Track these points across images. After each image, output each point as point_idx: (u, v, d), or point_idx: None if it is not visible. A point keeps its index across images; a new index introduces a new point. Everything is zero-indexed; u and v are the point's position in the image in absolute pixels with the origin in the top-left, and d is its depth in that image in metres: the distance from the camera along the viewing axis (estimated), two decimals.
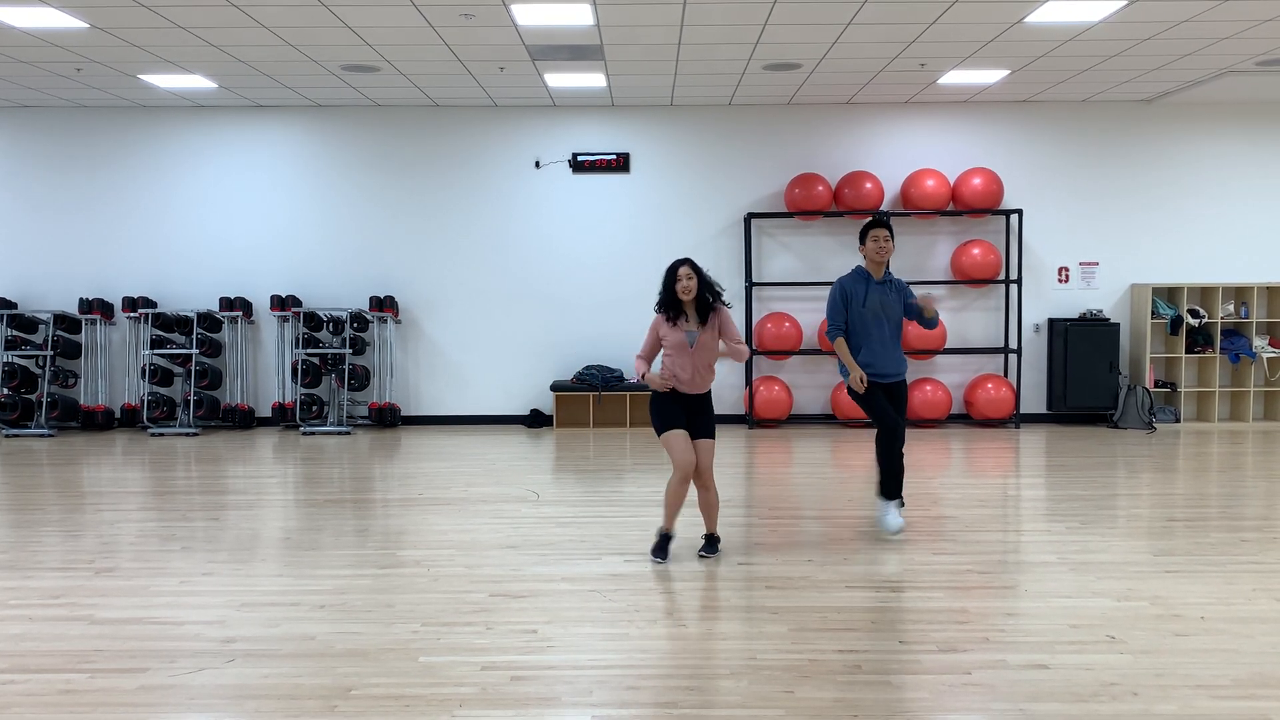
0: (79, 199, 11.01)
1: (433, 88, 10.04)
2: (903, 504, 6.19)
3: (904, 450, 6.13)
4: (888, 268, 6.13)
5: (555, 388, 10.86)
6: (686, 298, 5.48)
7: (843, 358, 6.02)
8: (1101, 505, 7.00)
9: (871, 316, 5.98)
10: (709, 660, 4.10)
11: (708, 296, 5.52)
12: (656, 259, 10.98)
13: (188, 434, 10.47)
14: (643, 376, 5.50)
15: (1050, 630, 4.41)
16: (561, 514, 6.78)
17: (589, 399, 10.83)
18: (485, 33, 7.98)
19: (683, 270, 5.49)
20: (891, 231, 6.01)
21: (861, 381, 5.90)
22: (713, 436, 5.60)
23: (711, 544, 5.69)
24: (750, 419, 10.88)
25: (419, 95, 10.40)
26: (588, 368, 10.91)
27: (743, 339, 5.64)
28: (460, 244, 11.11)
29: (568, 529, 6.33)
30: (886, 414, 6.01)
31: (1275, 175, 11.03)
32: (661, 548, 5.56)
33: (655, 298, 5.65)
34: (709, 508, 5.68)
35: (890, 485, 6.10)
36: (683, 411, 5.52)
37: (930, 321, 6.02)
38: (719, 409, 11.24)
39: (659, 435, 5.51)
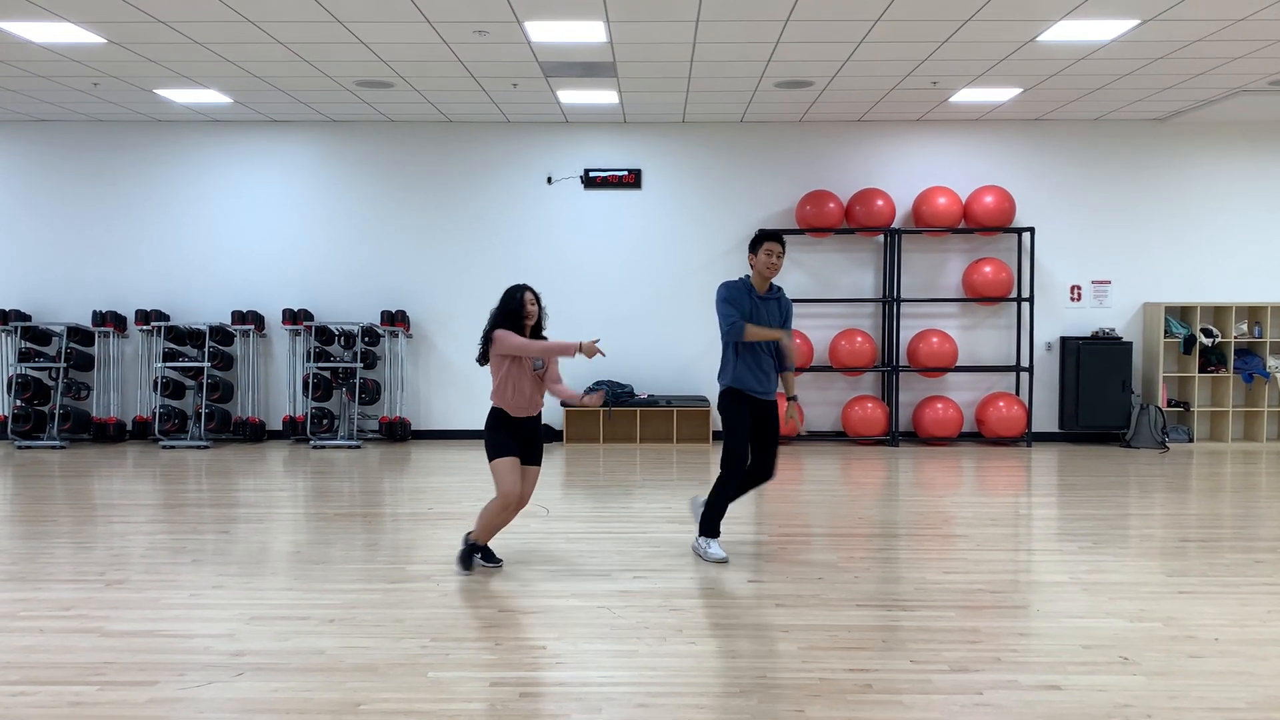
0: (93, 212, 11.08)
1: (446, 103, 10.09)
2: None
3: (762, 485, 6.12)
4: (773, 283, 5.92)
5: (565, 403, 10.85)
6: (529, 322, 5.68)
7: (760, 335, 5.72)
8: (1114, 525, 6.96)
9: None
10: (719, 678, 4.08)
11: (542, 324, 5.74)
12: (668, 275, 11.02)
13: (199, 447, 10.50)
14: (580, 347, 5.51)
15: (1063, 650, 4.38)
16: (571, 530, 6.77)
17: (599, 414, 10.83)
18: (499, 49, 8.03)
19: (528, 295, 5.68)
20: (784, 247, 5.80)
21: (788, 339, 5.78)
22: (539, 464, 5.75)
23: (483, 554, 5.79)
24: None
25: (432, 111, 10.45)
26: (598, 382, 10.91)
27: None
28: (472, 258, 11.14)
29: (577, 545, 6.32)
30: (739, 441, 5.80)
31: None
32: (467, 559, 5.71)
33: (666, 314, 5.67)
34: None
35: (714, 521, 5.95)
36: (516, 437, 5.62)
37: (787, 366, 5.92)
38: None
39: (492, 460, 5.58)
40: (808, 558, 6.03)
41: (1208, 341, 10.82)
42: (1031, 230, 10.81)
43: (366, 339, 10.81)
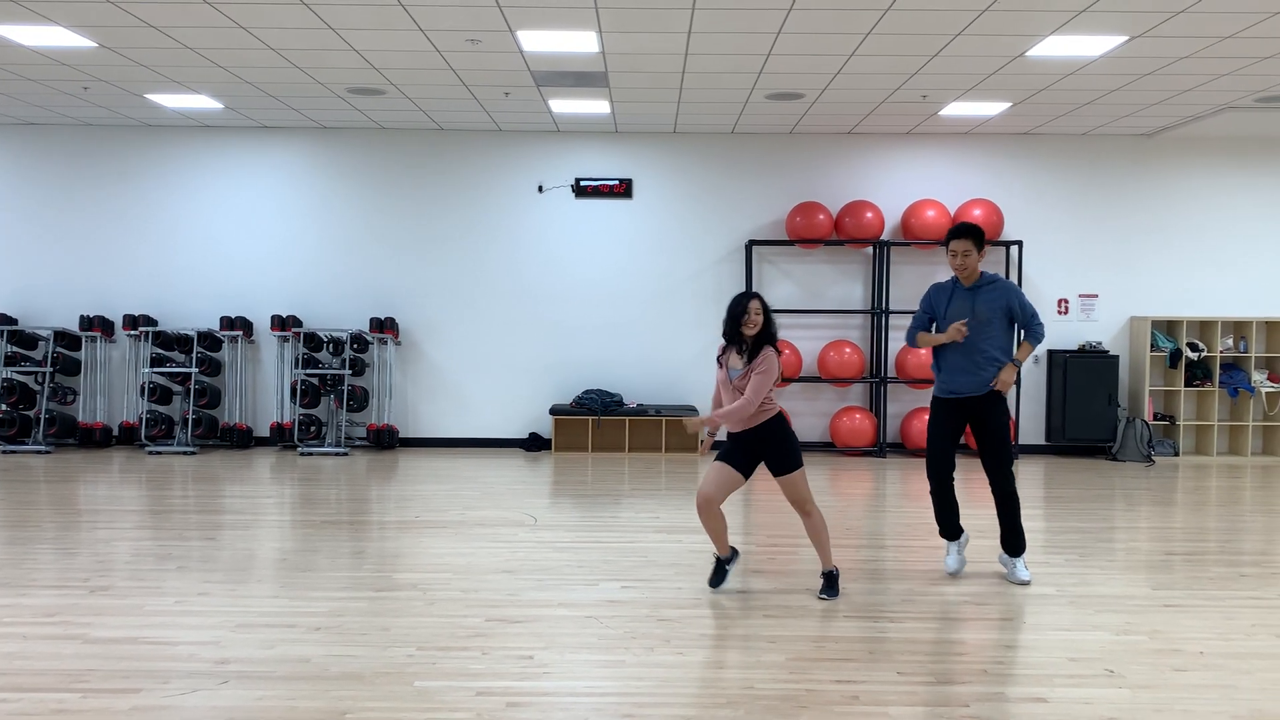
0: (83, 217, 11.04)
1: (437, 111, 10.10)
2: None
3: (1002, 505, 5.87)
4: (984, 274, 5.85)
5: (554, 411, 10.85)
6: (749, 332, 5.23)
7: (931, 340, 5.77)
8: (1100, 538, 6.99)
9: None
10: (706, 689, 4.08)
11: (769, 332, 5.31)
12: (658, 284, 11.03)
13: (185, 453, 10.45)
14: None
15: (1048, 663, 4.39)
16: (559, 539, 6.76)
17: (588, 423, 10.82)
18: (491, 58, 8.04)
19: (753, 304, 5.26)
20: (975, 241, 5.77)
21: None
22: (787, 471, 5.32)
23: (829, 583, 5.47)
24: None
25: (424, 118, 10.45)
26: (587, 392, 10.91)
27: (755, 393, 5.22)
28: (461, 266, 11.14)
29: (565, 554, 6.31)
30: (933, 445, 5.84)
31: (1274, 211, 11.08)
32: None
33: (656, 323, 5.62)
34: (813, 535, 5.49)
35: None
36: (735, 446, 5.36)
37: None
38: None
39: None
40: (795, 568, 6.03)
41: (1193, 355, 10.89)
42: (1020, 244, 10.87)
43: (355, 346, 10.79)
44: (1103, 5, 6.58)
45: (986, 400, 5.68)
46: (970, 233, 5.71)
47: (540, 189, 11.11)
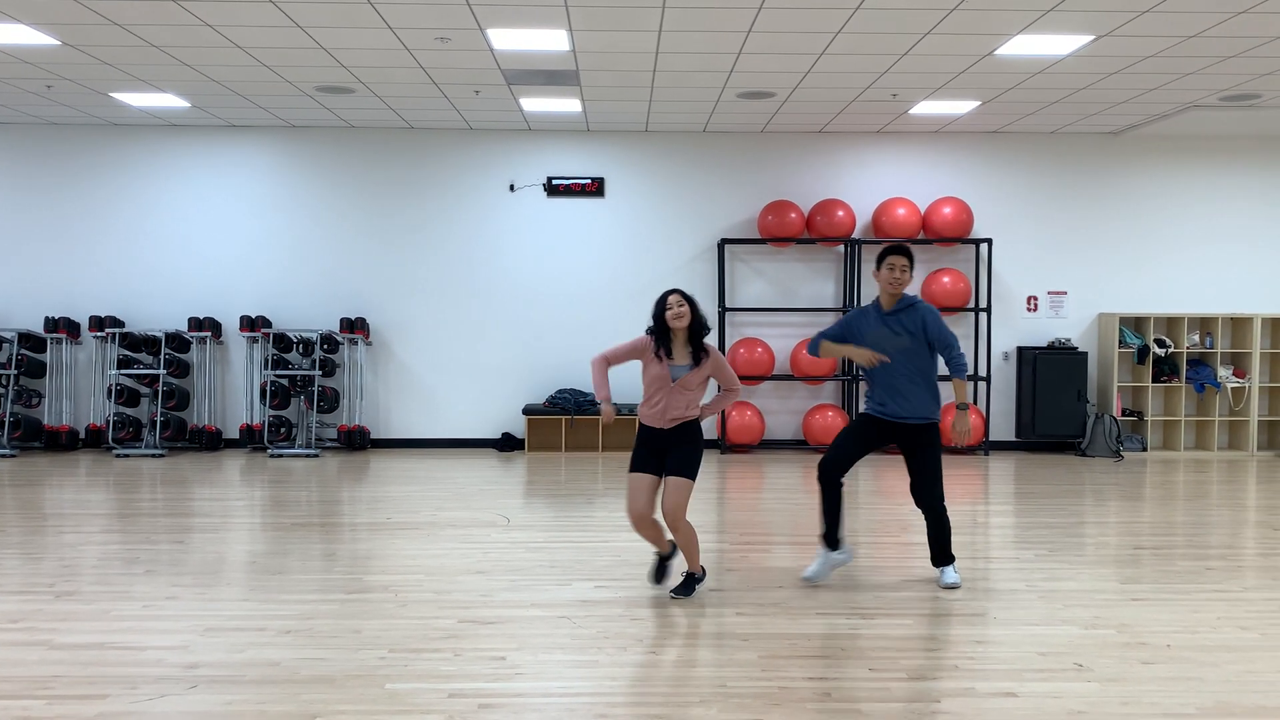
0: (47, 217, 10.89)
1: (407, 110, 10.04)
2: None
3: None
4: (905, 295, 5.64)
5: (527, 411, 10.82)
6: (678, 324, 5.15)
7: (836, 352, 5.67)
8: (1069, 533, 7.05)
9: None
10: (679, 688, 4.08)
11: (701, 331, 5.24)
12: (631, 283, 11.02)
13: (154, 455, 10.34)
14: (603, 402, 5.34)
15: (1018, 658, 4.43)
16: (532, 539, 6.74)
17: (561, 423, 10.80)
18: (461, 56, 8.00)
19: (673, 298, 5.20)
20: (910, 259, 5.58)
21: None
22: (686, 475, 5.18)
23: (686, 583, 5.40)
24: (722, 444, 10.89)
25: (393, 117, 10.39)
26: (560, 391, 10.89)
27: (735, 381, 5.46)
28: (433, 266, 11.08)
29: (538, 554, 6.29)
30: (834, 452, 5.77)
31: (1239, 208, 11.23)
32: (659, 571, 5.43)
33: (629, 322, 5.58)
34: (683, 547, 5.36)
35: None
36: (648, 451, 5.21)
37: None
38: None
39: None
40: (769, 565, 6.05)
41: (1161, 352, 11.01)
42: (989, 241, 10.95)
43: (325, 346, 10.72)
44: (1069, 4, 6.64)
45: (921, 429, 5.57)
46: (909, 252, 5.57)
47: (512, 188, 11.07)
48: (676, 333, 5.21)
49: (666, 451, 5.21)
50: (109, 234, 10.92)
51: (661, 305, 5.22)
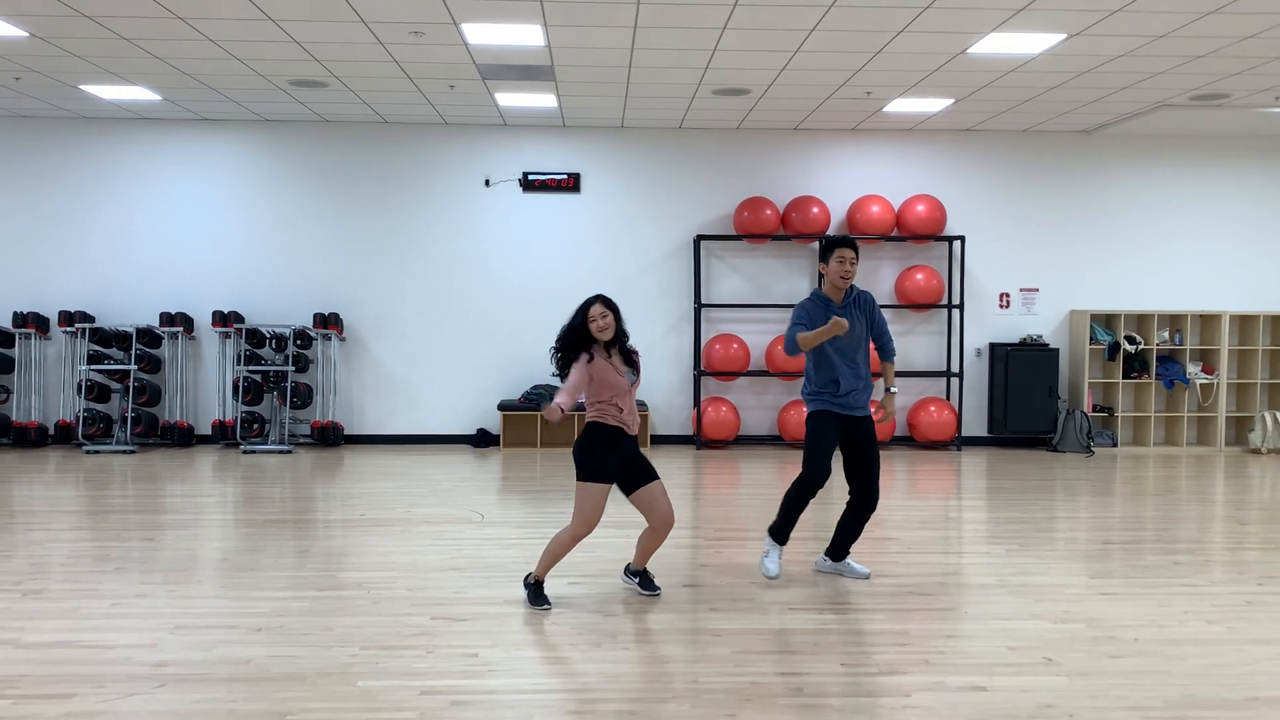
0: (15, 210, 10.75)
1: (382, 104, 9.98)
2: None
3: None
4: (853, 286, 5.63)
5: (503, 407, 10.80)
6: (604, 336, 5.06)
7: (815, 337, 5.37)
8: (1040, 528, 7.11)
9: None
10: (652, 684, 4.09)
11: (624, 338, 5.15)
12: (607, 279, 10.98)
13: (125, 452, 10.24)
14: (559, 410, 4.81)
15: (989, 652, 4.46)
16: (506, 535, 6.73)
17: (536, 419, 10.78)
18: (435, 51, 7.97)
19: (595, 309, 5.05)
20: (857, 252, 5.54)
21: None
22: (654, 480, 5.16)
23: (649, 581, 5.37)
24: (698, 440, 10.91)
25: (368, 111, 10.33)
26: (536, 387, 10.87)
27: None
28: (407, 261, 11.03)
29: (512, 551, 6.28)
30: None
31: (1208, 206, 11.35)
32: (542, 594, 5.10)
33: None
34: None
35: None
36: (617, 459, 5.05)
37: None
38: (668, 430, 11.33)
39: (579, 481, 5.00)
40: (742, 561, 6.06)
41: (1131, 348, 11.12)
42: (962, 239, 11.02)
43: (299, 342, 10.65)
44: (1041, 4, 6.69)
45: (869, 421, 5.61)
46: (856, 245, 5.57)
47: (487, 183, 11.04)
48: (602, 342, 5.06)
49: (627, 460, 5.09)
50: (79, 228, 10.80)
51: (584, 315, 5.05)
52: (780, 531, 5.62)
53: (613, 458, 5.05)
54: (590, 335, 5.07)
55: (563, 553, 5.10)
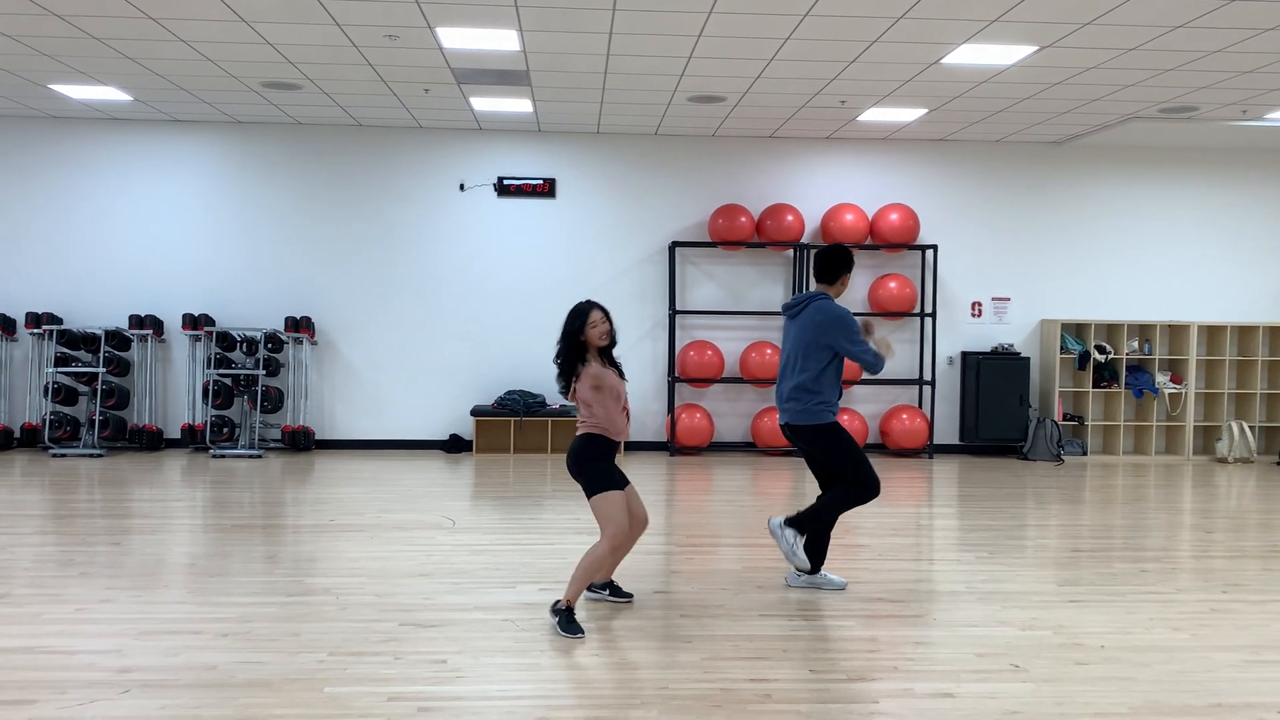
0: None
1: (356, 107, 9.94)
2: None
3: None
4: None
5: (476, 412, 10.76)
6: (604, 343, 5.00)
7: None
8: (1010, 535, 7.16)
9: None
10: (621, 690, 4.08)
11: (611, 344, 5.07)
12: (581, 285, 10.99)
13: (92, 455, 10.12)
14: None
15: (957, 659, 4.48)
16: (477, 541, 6.70)
17: (510, 424, 10.75)
18: (410, 54, 7.94)
19: (596, 314, 4.95)
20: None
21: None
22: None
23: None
24: (671, 446, 10.91)
25: (342, 114, 10.28)
26: (509, 393, 10.84)
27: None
28: (380, 265, 10.98)
29: (483, 557, 6.26)
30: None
31: (1177, 218, 11.49)
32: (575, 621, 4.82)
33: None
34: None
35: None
36: (614, 466, 5.00)
37: None
38: (642, 436, 11.34)
39: (599, 493, 4.87)
40: (714, 567, 6.07)
41: (1101, 358, 11.22)
42: (935, 248, 11.09)
43: (270, 346, 10.57)
44: (1013, 15, 6.75)
45: None
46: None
47: (462, 187, 11.01)
48: (595, 349, 4.98)
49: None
50: (47, 229, 10.68)
51: (583, 321, 4.93)
52: (806, 523, 5.46)
53: (612, 465, 5.00)
54: (585, 344, 4.94)
55: (599, 569, 4.91)
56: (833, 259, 5.55)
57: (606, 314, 5.01)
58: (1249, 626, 5.04)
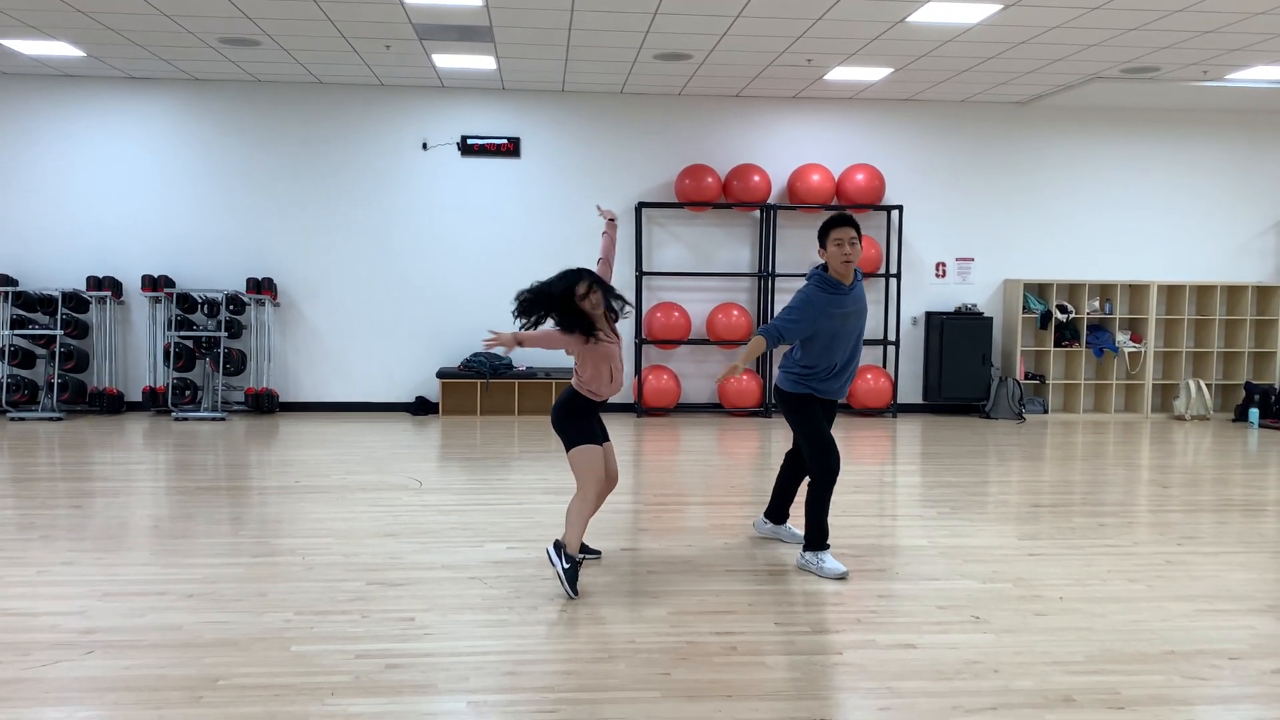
0: None
1: (316, 64, 9.77)
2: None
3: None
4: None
5: (442, 375, 10.71)
6: (598, 312, 4.87)
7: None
8: (972, 492, 7.26)
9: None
10: (588, 645, 4.11)
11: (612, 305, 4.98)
12: (547, 246, 10.94)
13: (51, 419, 9.99)
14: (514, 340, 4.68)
15: (919, 611, 4.56)
16: (444, 502, 6.70)
17: (476, 386, 10.72)
18: (370, 9, 7.81)
19: (582, 286, 4.80)
20: (859, 231, 5.18)
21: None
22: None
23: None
24: (639, 407, 10.93)
25: (302, 72, 10.11)
26: (475, 355, 10.80)
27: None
28: (343, 226, 10.85)
29: (450, 517, 6.26)
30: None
31: (1138, 179, 11.59)
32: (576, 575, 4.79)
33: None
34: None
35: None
36: (597, 422, 5.08)
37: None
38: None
39: (576, 446, 4.88)
40: (681, 525, 6.11)
41: (1062, 317, 11.35)
42: (900, 208, 11.13)
43: (231, 307, 10.44)
44: None
45: (834, 401, 5.39)
46: (857, 223, 5.18)
47: (424, 146, 10.88)
48: (596, 316, 4.87)
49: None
50: (0, 188, 10.45)
51: (570, 292, 4.78)
52: (818, 539, 5.18)
53: (594, 423, 5.03)
54: (583, 311, 4.81)
55: (586, 518, 4.90)
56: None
57: (594, 282, 4.86)
58: (1202, 577, 5.16)
